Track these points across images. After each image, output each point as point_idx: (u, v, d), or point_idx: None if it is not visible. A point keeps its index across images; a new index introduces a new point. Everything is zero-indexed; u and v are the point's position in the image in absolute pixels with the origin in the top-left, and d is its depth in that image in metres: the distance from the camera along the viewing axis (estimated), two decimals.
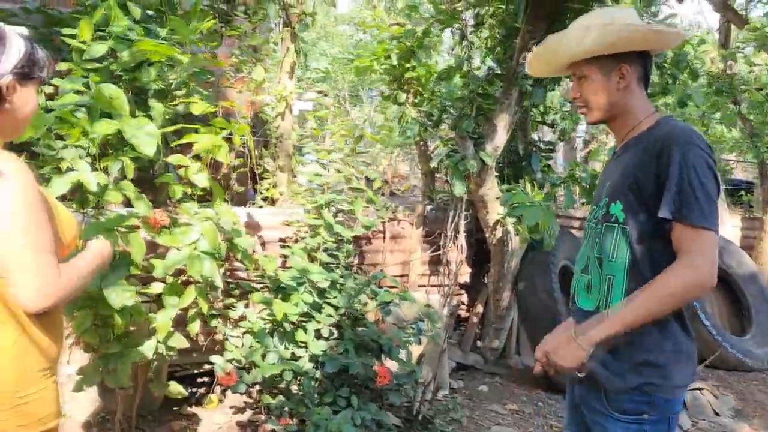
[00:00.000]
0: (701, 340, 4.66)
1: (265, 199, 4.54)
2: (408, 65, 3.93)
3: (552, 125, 4.84)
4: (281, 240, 3.69)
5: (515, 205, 3.38)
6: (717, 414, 4.04)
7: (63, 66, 2.96)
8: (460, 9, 3.84)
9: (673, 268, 1.47)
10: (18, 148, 2.92)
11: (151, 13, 3.35)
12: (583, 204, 5.69)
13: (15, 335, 1.36)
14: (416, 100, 4.15)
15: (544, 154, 4.59)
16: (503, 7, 3.93)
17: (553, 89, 4.01)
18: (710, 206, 1.48)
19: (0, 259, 1.30)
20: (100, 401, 3.30)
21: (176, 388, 3.10)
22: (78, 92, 2.67)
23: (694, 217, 1.46)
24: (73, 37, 2.83)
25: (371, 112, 11.92)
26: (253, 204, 4.55)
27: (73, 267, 1.46)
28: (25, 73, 1.41)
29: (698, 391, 4.17)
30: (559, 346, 1.58)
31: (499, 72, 4.08)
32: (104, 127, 2.40)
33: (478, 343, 4.77)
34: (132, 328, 2.75)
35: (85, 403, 3.27)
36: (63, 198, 2.49)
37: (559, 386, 4.16)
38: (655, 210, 1.52)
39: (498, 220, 4.10)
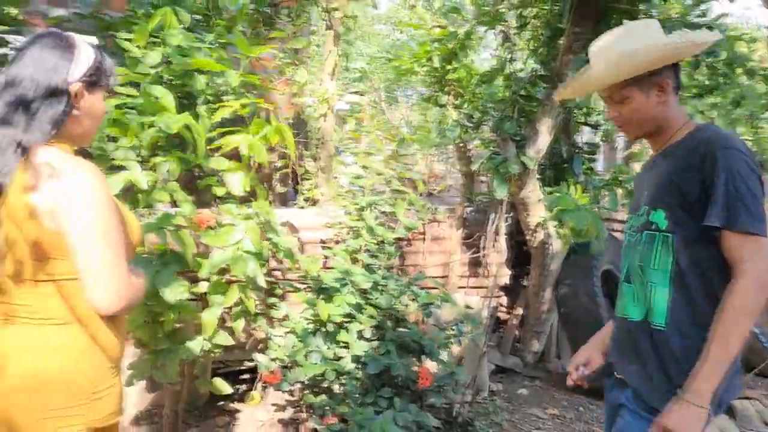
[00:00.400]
0: (750, 347, 4.53)
1: (306, 199, 4.59)
2: (449, 67, 3.93)
3: (595, 126, 4.77)
4: (322, 241, 3.73)
5: (561, 208, 3.34)
6: (766, 424, 3.93)
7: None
8: (503, 10, 3.82)
9: (734, 285, 1.46)
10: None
11: (198, 17, 3.43)
12: (623, 206, 5.59)
13: (88, 334, 1.42)
14: (457, 102, 4.14)
15: (586, 155, 4.53)
16: (547, 7, 3.89)
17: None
18: (758, 210, 1.47)
19: (78, 262, 1.35)
20: (148, 395, 3.39)
21: (221, 385, 3.17)
22: (128, 95, 2.76)
23: (743, 223, 1.45)
24: (128, 41, 2.91)
25: (407, 112, 11.91)
26: (295, 204, 4.61)
27: (139, 273, 1.52)
28: (93, 81, 1.46)
29: (747, 401, 4.06)
30: (677, 418, 1.46)
31: (542, 73, 4.04)
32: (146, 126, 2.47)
33: (518, 346, 4.73)
34: (179, 326, 2.82)
35: (133, 397, 3.37)
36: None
37: (601, 391, 4.10)
38: (701, 216, 1.50)
39: (539, 223, 4.06)
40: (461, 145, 4.36)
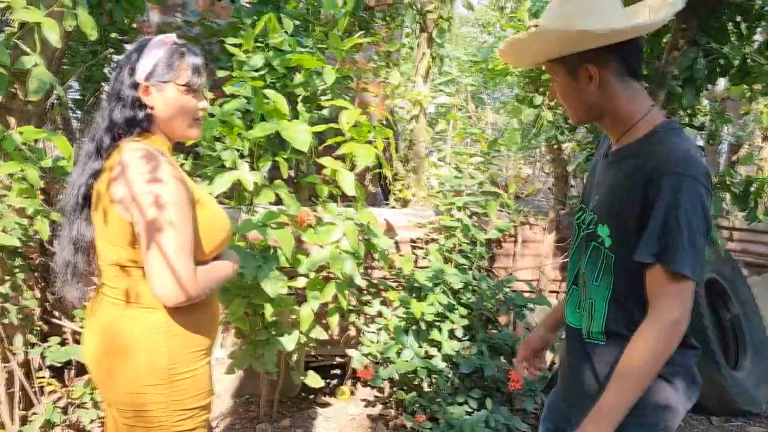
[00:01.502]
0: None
1: (397, 200, 4.65)
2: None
3: (701, 128, 4.51)
4: (412, 240, 3.76)
5: None
6: None
7: (221, 73, 3.23)
8: None
9: (644, 328, 1.35)
10: (180, 149, 3.23)
11: (297, 22, 3.57)
12: (727, 212, 5.27)
13: (167, 317, 1.49)
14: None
15: None
16: None
17: (706, 89, 3.73)
18: (695, 250, 1.30)
19: (142, 254, 1.41)
20: (245, 384, 3.55)
21: (314, 378, 3.27)
22: (234, 97, 2.90)
23: (674, 261, 1.30)
24: (235, 46, 3.08)
25: (494, 115, 11.78)
26: (386, 204, 4.68)
27: (209, 272, 1.54)
28: (160, 77, 1.51)
29: None
30: None
31: (644, 72, 3.87)
32: (264, 129, 2.59)
33: None
34: (276, 319, 2.94)
35: (230, 384, 3.53)
36: (219, 195, 2.72)
37: (706, 406, 3.90)
38: (637, 243, 1.37)
39: None
40: (555, 146, 4.26)
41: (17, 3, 2.24)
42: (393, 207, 4.57)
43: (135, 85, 1.50)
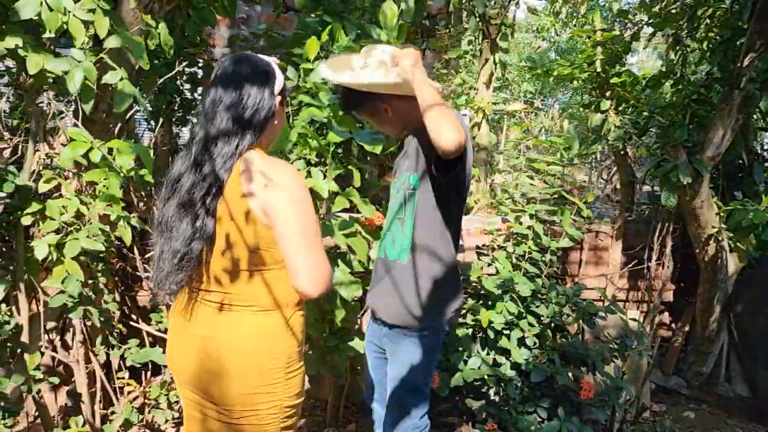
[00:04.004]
0: None
1: None
2: (613, 71, 3.78)
3: None
4: (477, 247, 3.74)
5: (754, 221, 3.05)
6: None
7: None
8: (674, 11, 3.60)
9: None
10: None
11: (359, 32, 3.60)
12: None
13: (286, 317, 1.54)
14: (620, 108, 3.97)
15: None
16: (725, 6, 3.61)
17: None
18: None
19: (287, 251, 1.47)
20: (311, 388, 3.59)
21: None
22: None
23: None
24: (300, 56, 3.13)
25: (548, 121, 11.60)
26: None
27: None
28: (284, 95, 1.65)
29: None
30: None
31: (718, 76, 3.76)
32: (337, 137, 2.63)
33: (680, 366, 4.43)
34: (343, 324, 2.95)
35: None
36: None
37: None
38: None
39: (712, 235, 3.78)
40: (622, 152, 4.16)
41: (104, 27, 2.31)
42: None
43: (273, 98, 1.59)
